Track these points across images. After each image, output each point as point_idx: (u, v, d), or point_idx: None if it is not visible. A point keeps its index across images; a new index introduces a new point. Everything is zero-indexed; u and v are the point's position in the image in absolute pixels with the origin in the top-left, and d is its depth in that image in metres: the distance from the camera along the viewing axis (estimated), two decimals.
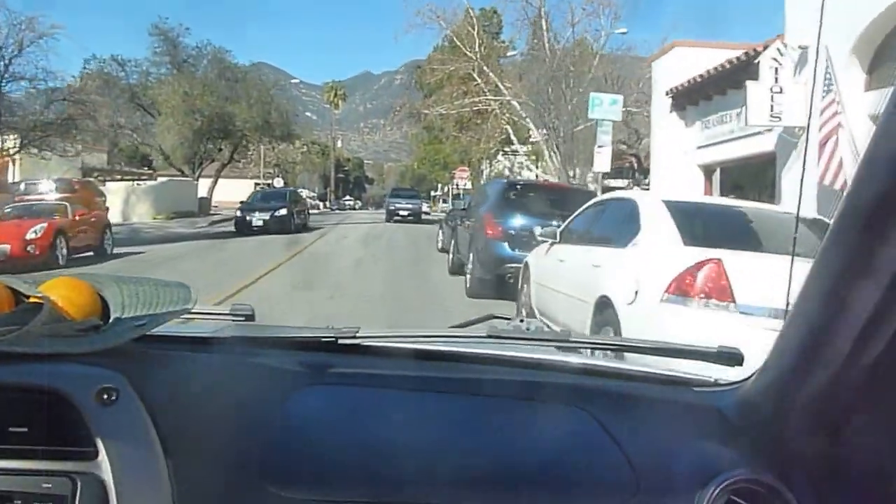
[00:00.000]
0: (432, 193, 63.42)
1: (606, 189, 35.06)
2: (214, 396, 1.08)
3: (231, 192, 47.43)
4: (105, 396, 0.98)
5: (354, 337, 1.21)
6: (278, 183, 49.60)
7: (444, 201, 47.25)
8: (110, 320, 1.06)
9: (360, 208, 73.97)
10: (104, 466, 0.94)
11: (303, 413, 1.09)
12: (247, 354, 1.19)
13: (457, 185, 47.79)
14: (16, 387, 0.97)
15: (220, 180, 42.16)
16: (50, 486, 0.92)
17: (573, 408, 1.12)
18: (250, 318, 1.35)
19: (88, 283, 1.08)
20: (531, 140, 32.22)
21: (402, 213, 33.73)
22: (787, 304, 0.97)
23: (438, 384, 1.16)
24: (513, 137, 32.18)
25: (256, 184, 52.81)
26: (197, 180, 39.41)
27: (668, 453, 1.06)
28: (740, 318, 4.08)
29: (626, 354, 1.42)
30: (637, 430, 1.10)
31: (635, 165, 26.51)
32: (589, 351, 1.41)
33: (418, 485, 1.03)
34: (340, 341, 1.22)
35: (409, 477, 1.03)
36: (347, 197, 78.76)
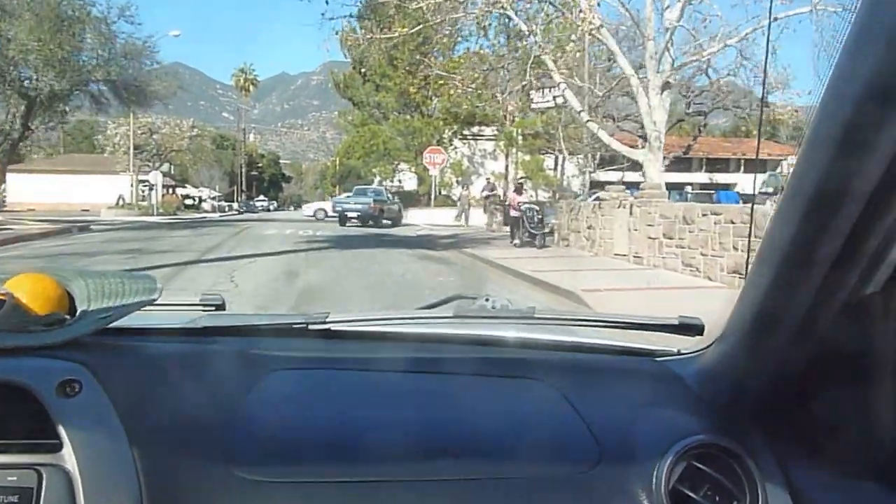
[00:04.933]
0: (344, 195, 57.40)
1: (597, 184, 30.22)
2: (180, 385, 1.17)
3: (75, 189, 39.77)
4: (67, 389, 1.05)
5: (324, 322, 1.34)
6: (154, 178, 42.06)
7: None
8: (77, 314, 1.15)
9: (277, 209, 67.60)
10: (68, 457, 1.00)
11: (270, 397, 1.19)
12: (215, 343, 1.32)
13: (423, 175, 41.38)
14: None
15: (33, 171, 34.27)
16: (15, 478, 0.98)
17: (536, 381, 1.26)
18: (220, 307, 1.42)
19: (53, 278, 1.16)
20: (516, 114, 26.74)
21: (351, 214, 30.63)
22: (746, 273, 1.06)
23: (406, 364, 1.30)
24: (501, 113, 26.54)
25: (141, 181, 45.09)
26: None
27: (629, 422, 1.19)
28: None
29: (589, 329, 1.52)
30: (599, 400, 1.24)
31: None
32: (553, 326, 1.52)
33: (386, 461, 1.13)
34: (311, 327, 1.34)
35: (377, 454, 1.13)
36: (261, 197, 73.20)
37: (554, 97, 21.93)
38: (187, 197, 57.07)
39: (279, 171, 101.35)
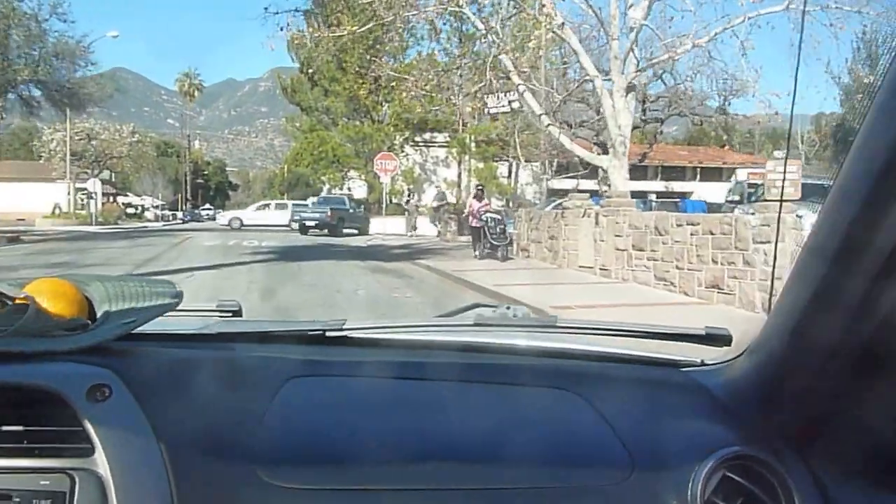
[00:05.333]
0: (311, 199, 55.83)
1: (552, 192, 29.75)
2: (205, 390, 1.18)
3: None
4: (97, 393, 1.07)
5: (341, 329, 1.35)
6: (93, 186, 39.73)
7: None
8: (97, 319, 1.16)
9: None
10: (101, 462, 1.02)
11: (292, 404, 1.18)
12: (235, 349, 1.33)
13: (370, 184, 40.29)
14: (8, 386, 1.05)
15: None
16: (48, 482, 1.00)
17: (563, 391, 1.24)
18: (237, 313, 1.46)
19: (72, 283, 1.18)
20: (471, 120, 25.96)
21: (309, 223, 31.56)
22: (773, 289, 1.18)
23: (425, 372, 1.27)
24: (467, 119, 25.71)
25: (80, 188, 42.96)
26: None
27: (660, 432, 1.19)
28: None
29: (611, 338, 1.50)
30: (628, 410, 1.22)
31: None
32: (575, 336, 1.49)
33: (408, 470, 1.13)
34: (328, 334, 1.35)
35: (399, 463, 1.13)
36: (207, 206, 70.97)
37: (510, 101, 21.10)
38: (129, 205, 55.30)
39: (226, 178, 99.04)
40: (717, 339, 1.30)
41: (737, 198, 20.43)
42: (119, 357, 1.16)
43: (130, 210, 53.31)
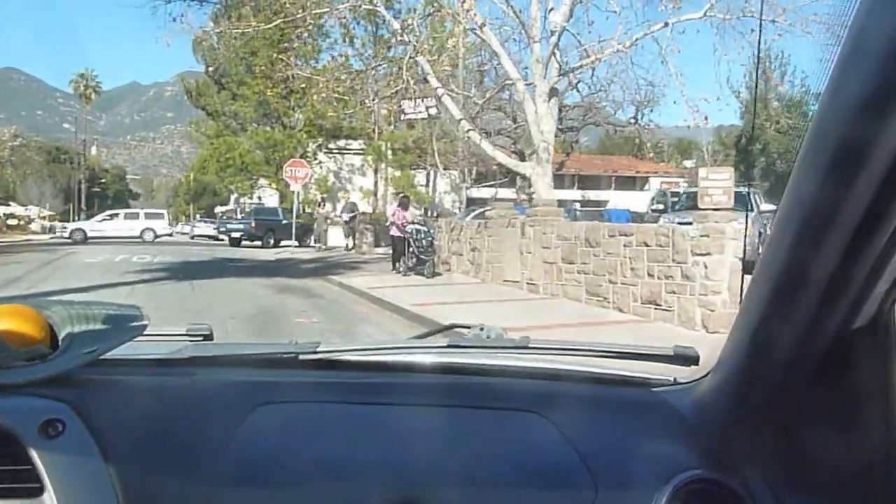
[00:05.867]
0: (219, 209, 53.41)
1: (470, 201, 29.13)
2: (168, 420, 1.16)
3: None
4: (49, 429, 1.04)
5: (315, 352, 1.31)
6: None
7: (238, 218, 37.92)
8: (59, 347, 1.12)
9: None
10: (50, 502, 0.99)
11: (260, 431, 1.16)
12: (203, 374, 1.28)
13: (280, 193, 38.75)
14: None
15: None
16: None
17: (531, 413, 1.23)
18: (208, 337, 1.41)
19: (35, 310, 1.14)
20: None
21: (235, 234, 32.31)
22: (740, 303, 1.09)
23: (399, 395, 1.27)
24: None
25: None
26: None
27: (626, 455, 1.19)
28: None
29: (584, 358, 1.50)
30: (594, 432, 1.23)
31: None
32: (549, 356, 1.48)
33: (379, 496, 1.12)
34: (301, 357, 1.31)
35: (370, 489, 1.13)
36: (106, 215, 67.24)
37: (427, 108, 20.39)
38: (11, 216, 51.24)
39: (125, 186, 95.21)
40: (685, 358, 1.30)
41: (661, 206, 20.17)
42: (79, 388, 1.13)
43: (12, 221, 49.35)
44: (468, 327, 1.46)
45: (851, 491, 1.04)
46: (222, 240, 34.33)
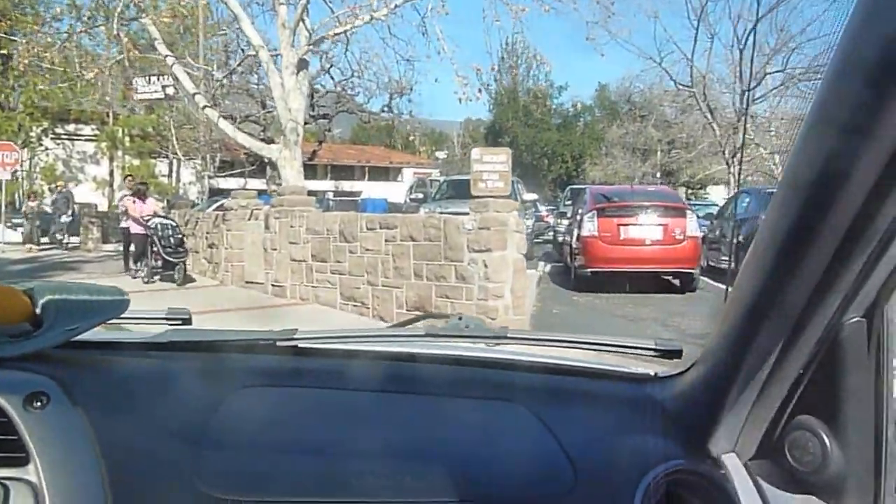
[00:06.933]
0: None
1: (215, 191, 26.27)
2: (148, 401, 1.16)
3: None
4: (35, 402, 1.05)
5: (292, 339, 1.28)
6: None
7: None
8: (43, 326, 1.12)
9: None
10: (35, 472, 1.00)
11: (238, 414, 1.16)
12: (183, 358, 1.28)
13: None
14: None
15: None
16: None
17: (511, 403, 1.20)
18: (187, 321, 1.38)
19: (18, 289, 1.14)
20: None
21: None
22: (726, 298, 1.07)
23: (375, 383, 1.24)
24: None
25: None
26: None
27: (606, 446, 1.15)
28: None
29: (564, 350, 1.47)
30: (575, 423, 1.19)
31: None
32: (527, 347, 1.44)
33: (355, 482, 1.11)
34: (279, 343, 1.29)
35: (345, 475, 1.11)
36: None
37: (164, 87, 17.17)
38: None
39: None
40: (668, 352, 1.25)
41: (420, 196, 18.47)
42: (61, 365, 1.14)
43: None
44: (445, 317, 1.39)
45: (835, 488, 0.99)
46: None
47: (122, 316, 1.20)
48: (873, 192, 0.76)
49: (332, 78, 21.39)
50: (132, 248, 12.80)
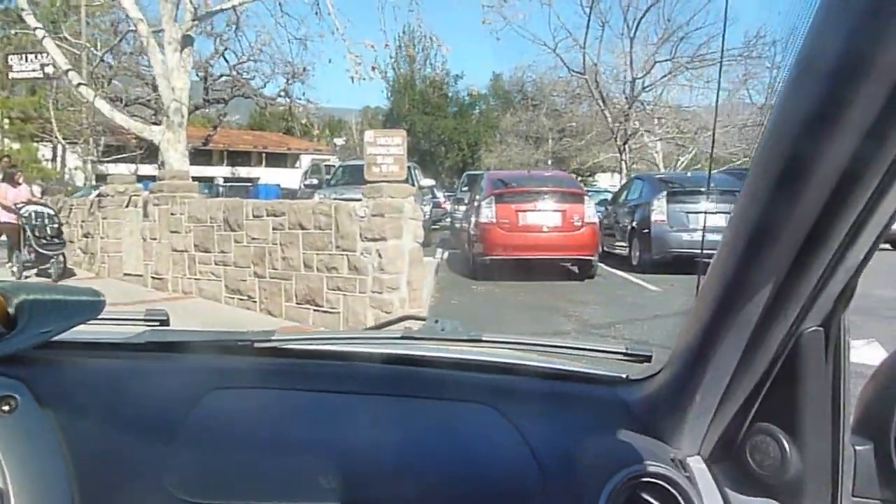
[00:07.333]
0: None
1: (102, 177, 24.84)
2: (122, 402, 1.14)
3: None
4: (3, 405, 1.03)
5: (269, 340, 1.27)
6: None
7: None
8: (16, 328, 1.10)
9: None
10: (2, 476, 0.98)
11: (213, 416, 1.14)
12: (158, 359, 1.26)
13: None
14: None
15: None
16: None
17: (481, 405, 1.20)
18: (164, 322, 1.37)
19: None
20: None
21: None
22: (697, 292, 1.08)
23: (352, 385, 1.23)
24: None
25: None
26: None
27: (574, 449, 1.14)
28: None
29: (537, 354, 1.46)
30: (545, 426, 1.18)
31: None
32: (501, 350, 1.44)
33: (329, 484, 1.10)
34: (256, 345, 1.27)
35: (319, 476, 1.10)
36: None
37: (42, 65, 15.69)
38: None
39: None
40: (638, 356, 1.26)
41: (315, 181, 17.60)
42: (34, 366, 1.13)
43: None
44: (423, 319, 1.41)
45: (794, 491, 1.00)
46: None
47: (100, 317, 1.17)
48: (835, 193, 0.75)
49: (227, 61, 20.39)
50: (2, 237, 11.51)
